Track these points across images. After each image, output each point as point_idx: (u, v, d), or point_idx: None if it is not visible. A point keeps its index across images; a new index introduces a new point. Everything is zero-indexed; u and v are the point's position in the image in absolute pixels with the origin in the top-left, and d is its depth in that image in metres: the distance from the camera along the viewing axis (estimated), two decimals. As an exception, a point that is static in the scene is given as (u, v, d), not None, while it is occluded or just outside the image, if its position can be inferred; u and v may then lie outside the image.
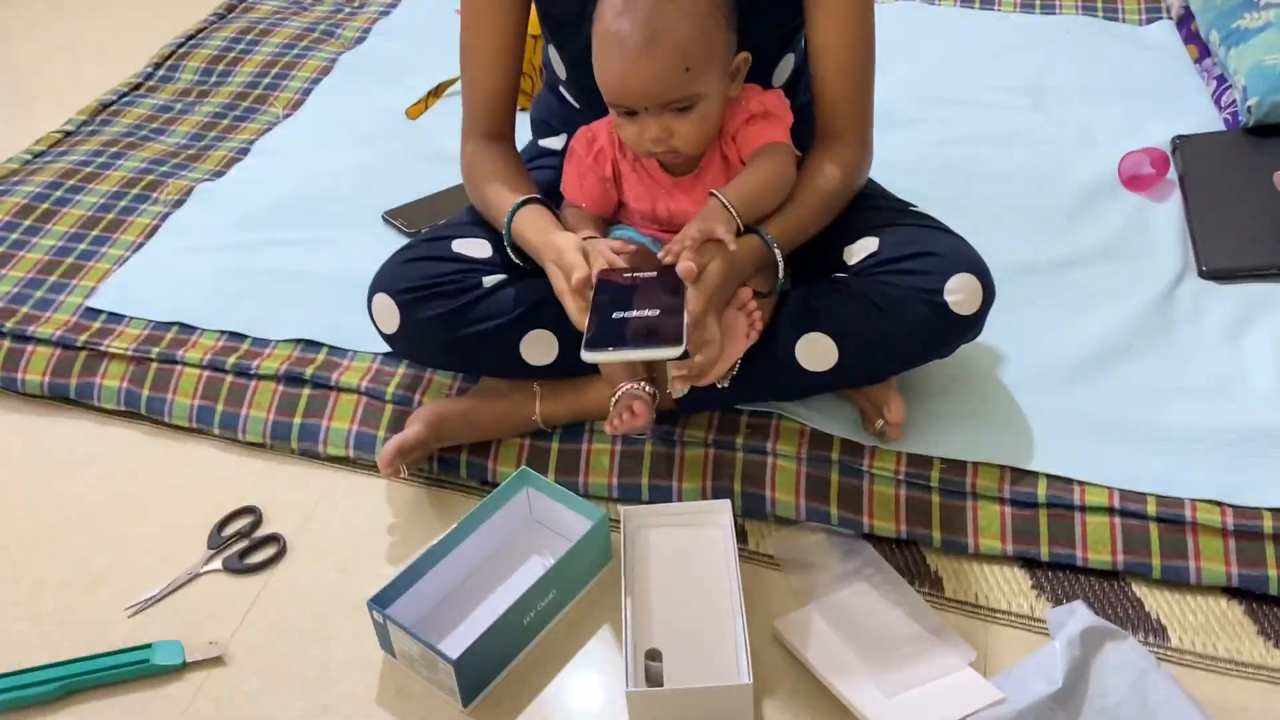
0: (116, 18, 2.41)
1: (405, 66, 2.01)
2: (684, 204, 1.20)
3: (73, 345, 1.42)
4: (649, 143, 1.11)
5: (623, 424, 1.13)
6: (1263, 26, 1.67)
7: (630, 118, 1.11)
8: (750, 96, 1.17)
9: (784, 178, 1.15)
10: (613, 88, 1.09)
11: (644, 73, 1.06)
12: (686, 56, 1.06)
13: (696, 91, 1.09)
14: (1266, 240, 1.46)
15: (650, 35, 1.05)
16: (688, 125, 1.11)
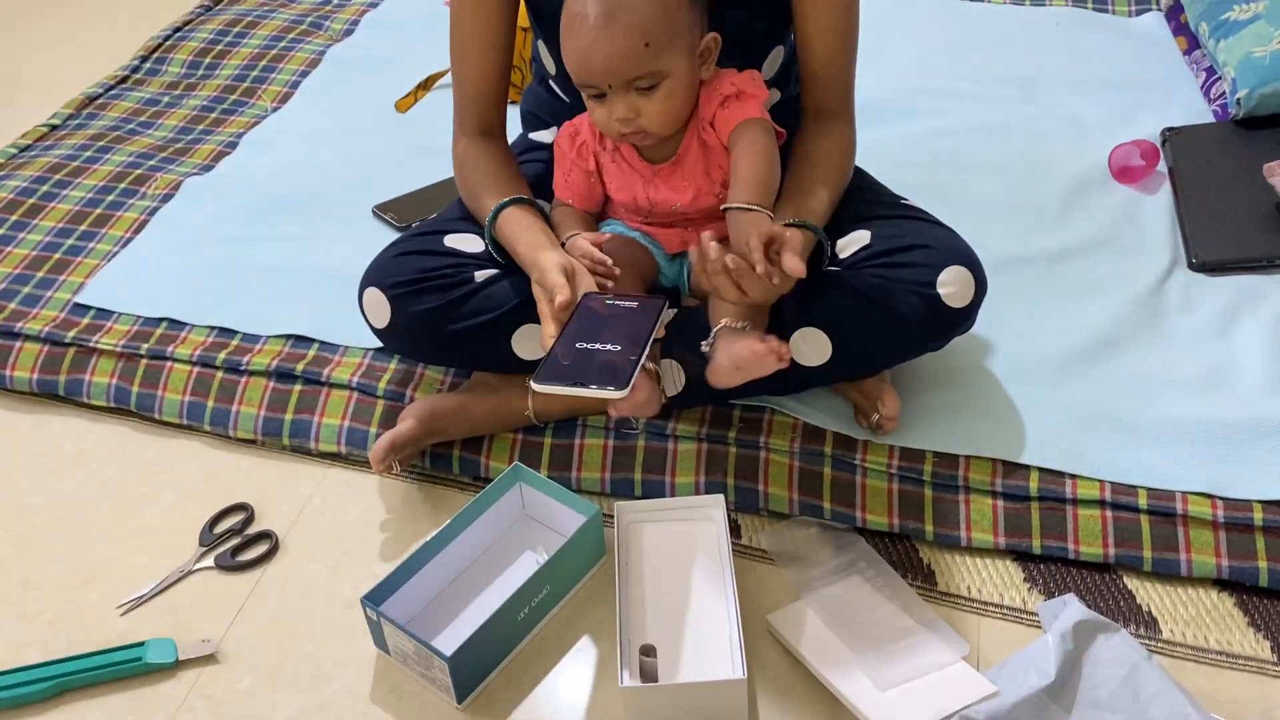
0: (103, 10, 2.39)
1: (394, 59, 2.00)
2: (664, 192, 1.20)
3: (61, 342, 1.41)
4: (617, 123, 1.12)
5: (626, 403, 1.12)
6: (1252, 18, 1.67)
7: (599, 100, 1.11)
8: (723, 79, 1.17)
9: (770, 153, 1.13)
10: (576, 66, 1.10)
11: (604, 49, 1.06)
12: (645, 33, 1.06)
13: (658, 69, 1.09)
14: (1256, 232, 1.46)
15: (609, 12, 1.05)
16: (654, 105, 1.11)
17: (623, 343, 1.02)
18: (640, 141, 1.16)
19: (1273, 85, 1.57)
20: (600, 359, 1.00)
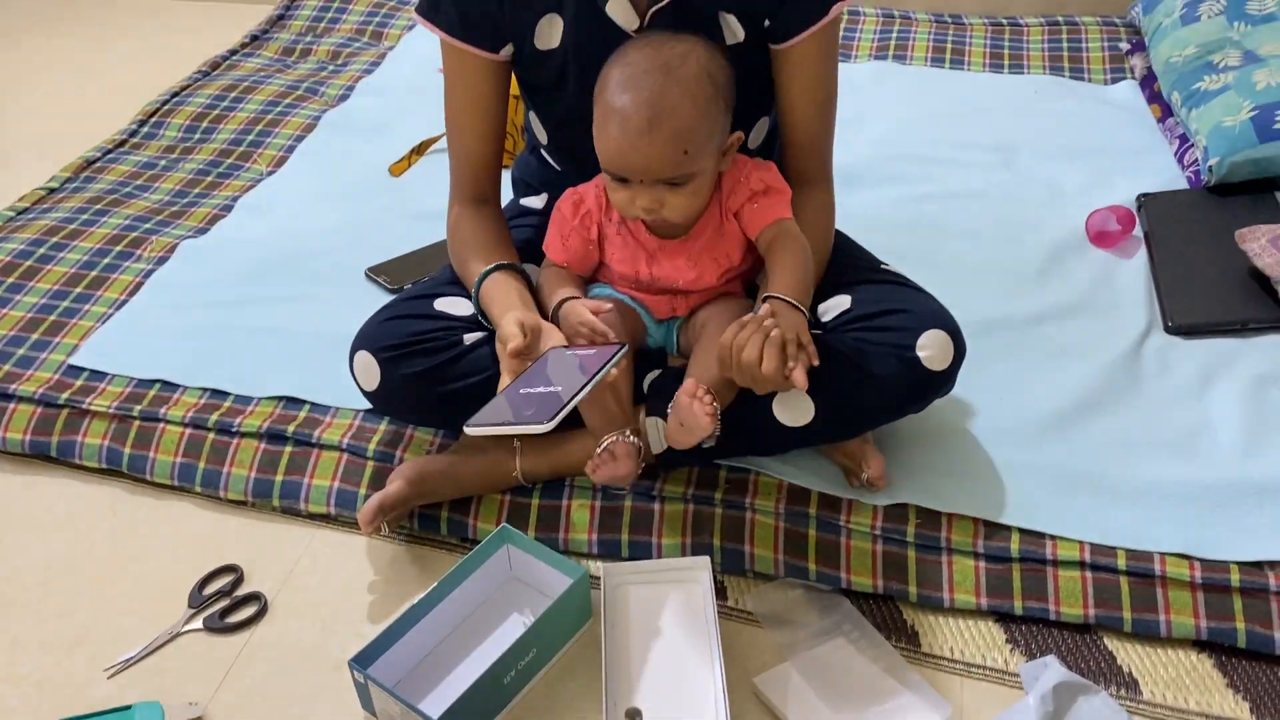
0: (102, 74, 2.43)
1: (388, 124, 2.04)
2: (667, 269, 1.23)
3: (55, 403, 1.42)
4: (640, 210, 1.15)
5: (604, 468, 1.14)
6: (1221, 89, 1.72)
7: (623, 184, 1.14)
8: (749, 172, 1.21)
9: (808, 254, 1.19)
10: (611, 160, 1.12)
11: (645, 151, 1.09)
12: (687, 140, 1.10)
13: (692, 171, 1.12)
14: (1231, 296, 1.49)
15: (653, 117, 1.08)
16: (680, 199, 1.14)
17: (564, 383, 1.03)
18: (657, 225, 1.19)
19: (1243, 153, 1.62)
20: (536, 398, 1.01)
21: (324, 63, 2.29)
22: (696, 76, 1.10)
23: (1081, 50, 2.17)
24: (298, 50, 2.33)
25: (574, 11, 1.20)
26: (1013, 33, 2.24)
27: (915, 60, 2.19)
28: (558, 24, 1.22)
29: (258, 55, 2.31)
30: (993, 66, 2.16)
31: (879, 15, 2.30)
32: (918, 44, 2.22)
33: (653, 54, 1.11)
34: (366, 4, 2.43)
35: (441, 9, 1.22)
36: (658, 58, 1.10)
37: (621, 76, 1.10)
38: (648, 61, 1.10)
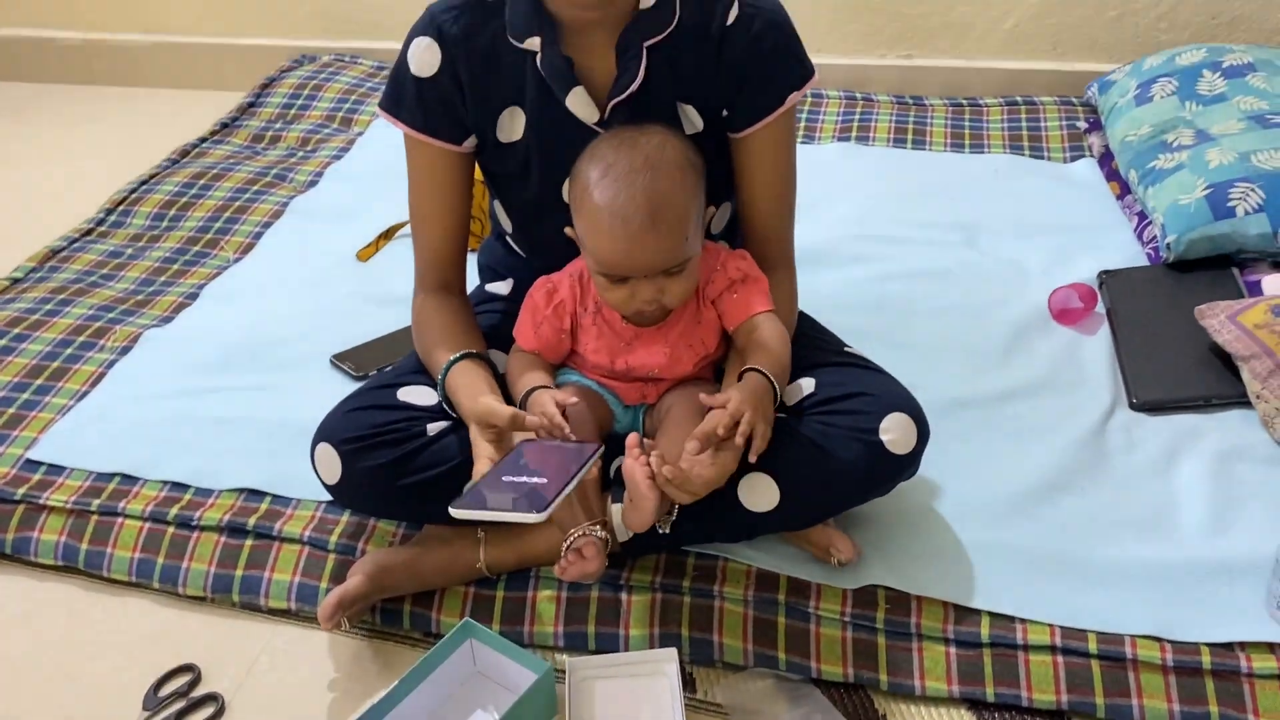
0: (72, 162, 2.44)
1: (357, 209, 2.04)
2: (642, 357, 1.23)
3: (10, 499, 1.40)
4: (641, 303, 1.15)
5: (573, 567, 1.12)
6: (1176, 167, 1.75)
7: (621, 283, 1.14)
8: (726, 260, 1.22)
9: (788, 342, 1.21)
10: (615, 262, 1.13)
11: (651, 247, 1.11)
12: (684, 226, 1.12)
13: (689, 255, 1.14)
14: (1193, 373, 1.50)
15: (653, 213, 1.09)
16: (678, 284, 1.16)
17: (549, 475, 1.03)
18: (656, 316, 1.20)
19: (1200, 231, 1.64)
20: (523, 489, 1.01)
21: (293, 149, 2.31)
22: (679, 164, 1.13)
23: (1040, 129, 2.21)
24: (268, 137, 2.35)
25: (535, 105, 1.22)
26: (973, 113, 2.28)
27: (878, 141, 2.22)
28: (520, 117, 1.23)
29: (228, 142, 2.33)
30: (954, 146, 2.19)
31: (842, 97, 2.35)
32: (880, 125, 2.26)
33: (631, 150, 1.12)
34: (337, 91, 2.46)
35: (404, 104, 1.24)
36: (638, 154, 1.12)
37: (607, 178, 1.11)
38: (629, 160, 1.11)
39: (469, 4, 1.21)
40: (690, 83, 1.22)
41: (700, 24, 1.20)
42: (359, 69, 2.56)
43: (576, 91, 1.20)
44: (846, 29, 2.44)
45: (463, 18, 1.21)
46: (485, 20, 1.21)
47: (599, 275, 1.16)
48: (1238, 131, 1.78)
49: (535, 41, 1.18)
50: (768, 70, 1.22)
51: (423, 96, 1.23)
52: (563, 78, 1.19)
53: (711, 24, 1.20)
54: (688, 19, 1.20)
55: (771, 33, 1.21)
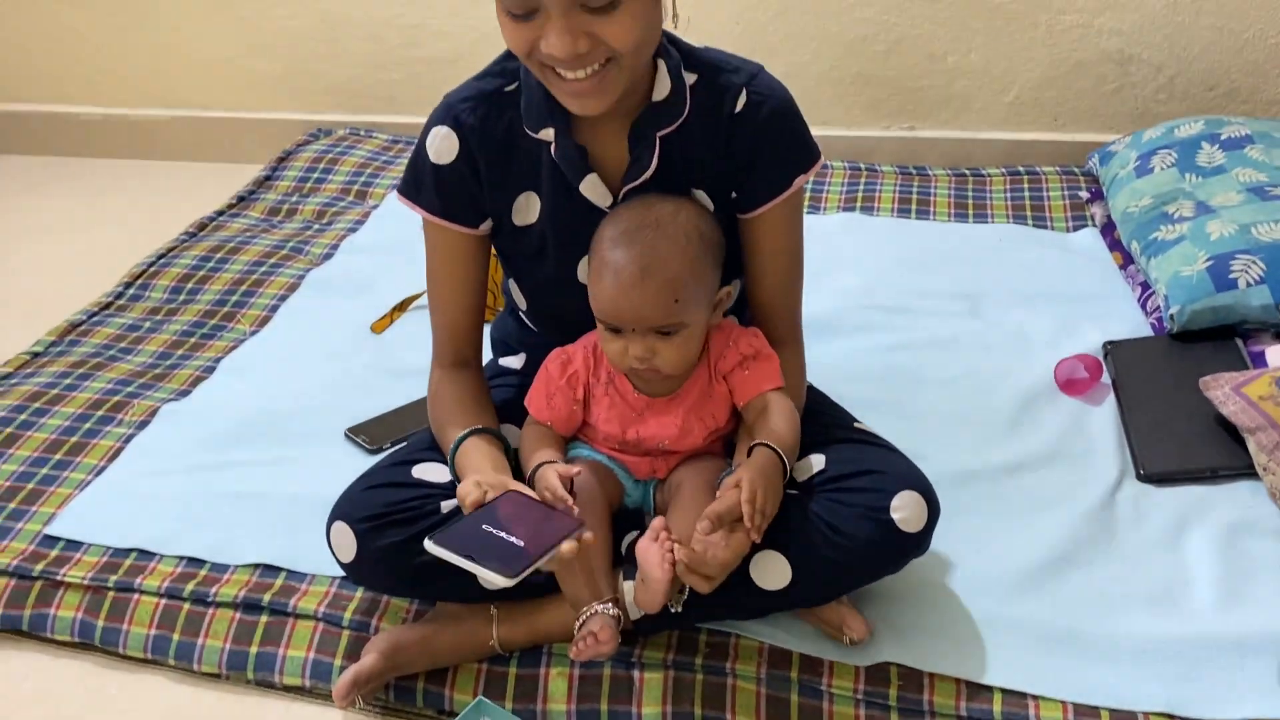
0: (92, 235, 2.49)
1: (371, 281, 2.08)
2: (653, 428, 1.25)
3: (29, 575, 1.41)
4: (632, 359, 1.18)
5: (588, 649, 1.13)
6: (1177, 239, 1.78)
7: (616, 334, 1.18)
8: (739, 336, 1.25)
9: (797, 419, 1.23)
10: (605, 309, 1.17)
11: (638, 300, 1.14)
12: (677, 289, 1.15)
13: (682, 320, 1.17)
14: (1200, 444, 1.51)
15: (645, 268, 1.14)
16: (670, 349, 1.18)
17: (527, 539, 1.05)
18: (649, 377, 1.22)
19: (1202, 302, 1.66)
20: (500, 544, 1.04)
21: (309, 222, 2.35)
22: (686, 231, 1.17)
23: (1043, 199, 2.24)
24: (284, 210, 2.39)
25: (550, 190, 1.25)
26: (976, 183, 2.32)
27: (882, 211, 2.25)
28: (535, 201, 1.27)
29: (245, 215, 2.37)
30: (958, 216, 2.23)
31: (846, 168, 2.39)
32: (884, 195, 2.29)
33: (644, 212, 1.18)
34: (352, 165, 2.51)
35: (423, 190, 1.27)
36: (649, 215, 1.17)
37: (615, 233, 1.17)
38: (639, 219, 1.17)
39: (485, 94, 1.25)
40: (701, 168, 1.25)
41: (710, 111, 1.24)
42: (374, 143, 2.61)
43: (590, 178, 1.23)
44: (850, 102, 2.49)
45: (479, 108, 1.25)
46: (501, 110, 1.25)
47: (600, 322, 1.20)
48: (1237, 203, 1.81)
49: (549, 132, 1.22)
50: (775, 155, 1.25)
51: (441, 183, 1.26)
52: (576, 166, 1.22)
53: (721, 111, 1.24)
54: (698, 107, 1.24)
55: (779, 119, 1.25)
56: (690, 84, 1.24)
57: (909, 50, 2.41)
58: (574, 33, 1.07)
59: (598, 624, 1.12)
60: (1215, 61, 2.29)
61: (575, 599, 1.18)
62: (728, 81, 1.24)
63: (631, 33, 1.09)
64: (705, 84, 1.24)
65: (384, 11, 2.59)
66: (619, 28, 1.08)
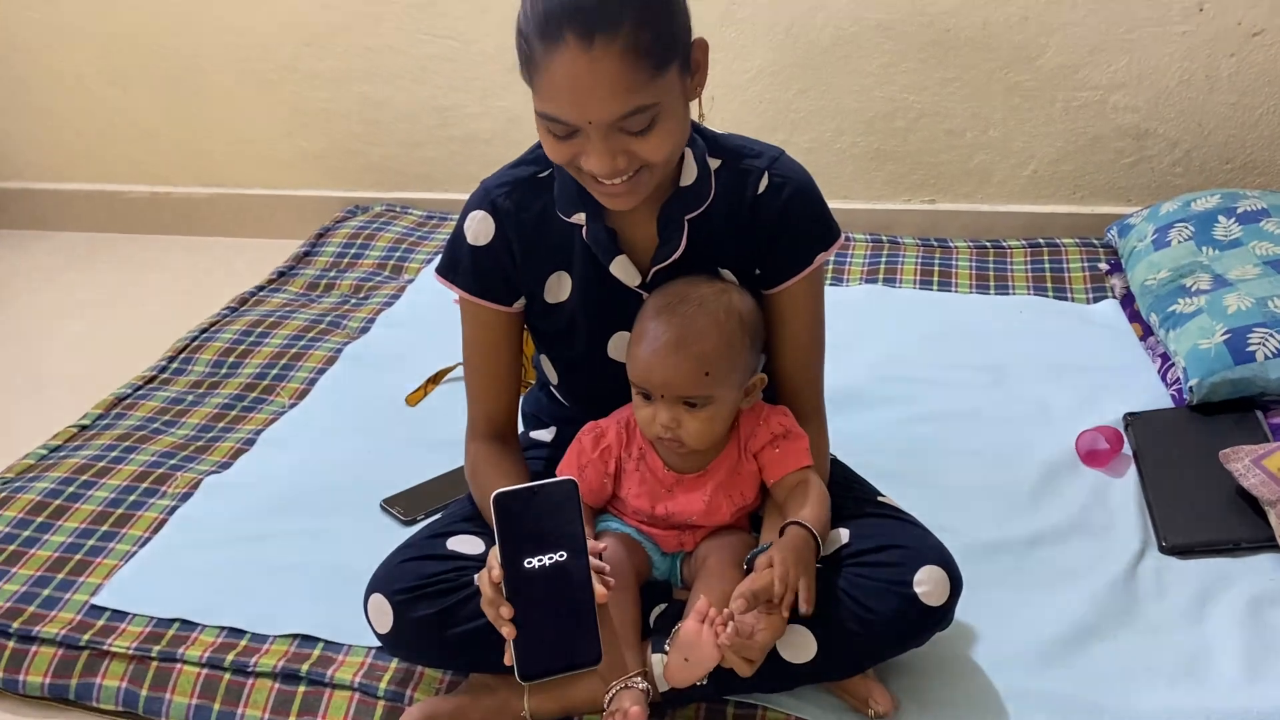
0: (136, 310, 2.57)
1: (406, 355, 2.13)
2: (681, 504, 1.29)
3: (76, 645, 1.46)
4: (659, 427, 1.23)
5: None
6: (1195, 312, 1.81)
7: (647, 400, 1.23)
8: (770, 415, 1.29)
9: (828, 499, 1.27)
10: (639, 372, 1.23)
11: (669, 366, 1.20)
12: (708, 364, 1.20)
13: (710, 394, 1.21)
14: (1222, 516, 1.53)
15: (681, 337, 1.19)
16: (696, 422, 1.22)
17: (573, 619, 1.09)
18: (673, 449, 1.26)
19: (1221, 375, 1.69)
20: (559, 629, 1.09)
21: (347, 296, 2.42)
22: (726, 311, 1.23)
23: (1063, 271, 2.28)
24: (322, 285, 2.47)
25: (581, 270, 1.31)
26: (996, 254, 2.36)
27: (905, 283, 2.29)
28: (566, 280, 1.33)
29: (284, 290, 2.44)
30: (979, 288, 2.26)
31: (868, 240, 2.44)
32: (906, 267, 2.34)
33: (690, 288, 1.24)
34: (388, 240, 2.59)
35: (459, 270, 1.34)
36: (695, 292, 1.24)
37: (660, 304, 1.23)
38: (684, 294, 1.23)
39: (520, 180, 1.32)
40: (726, 248, 1.30)
41: (734, 194, 1.29)
42: (409, 219, 2.69)
43: (620, 259, 1.29)
44: (872, 176, 2.55)
45: (514, 193, 1.31)
46: (536, 194, 1.31)
47: (633, 385, 1.25)
48: (1254, 277, 1.84)
49: (581, 216, 1.28)
50: (797, 234, 1.30)
51: (477, 263, 1.32)
52: (607, 248, 1.28)
53: (745, 193, 1.29)
54: (722, 190, 1.29)
55: (800, 199, 1.30)
56: (715, 169, 1.29)
57: (929, 126, 2.47)
58: (613, 153, 1.13)
59: (628, 699, 1.15)
60: (1230, 136, 2.34)
61: (604, 673, 1.20)
62: (750, 166, 1.30)
63: (665, 147, 1.16)
64: (728, 169, 1.30)
65: (420, 93, 2.69)
66: (655, 145, 1.14)
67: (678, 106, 1.16)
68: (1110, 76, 2.34)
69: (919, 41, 2.39)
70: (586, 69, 1.08)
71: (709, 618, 1.13)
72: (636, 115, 1.11)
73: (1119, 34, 2.30)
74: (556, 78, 1.10)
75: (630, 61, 1.08)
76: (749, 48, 2.45)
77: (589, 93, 1.09)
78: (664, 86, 1.12)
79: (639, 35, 1.08)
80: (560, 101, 1.11)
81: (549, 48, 1.09)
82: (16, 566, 1.61)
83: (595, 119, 1.11)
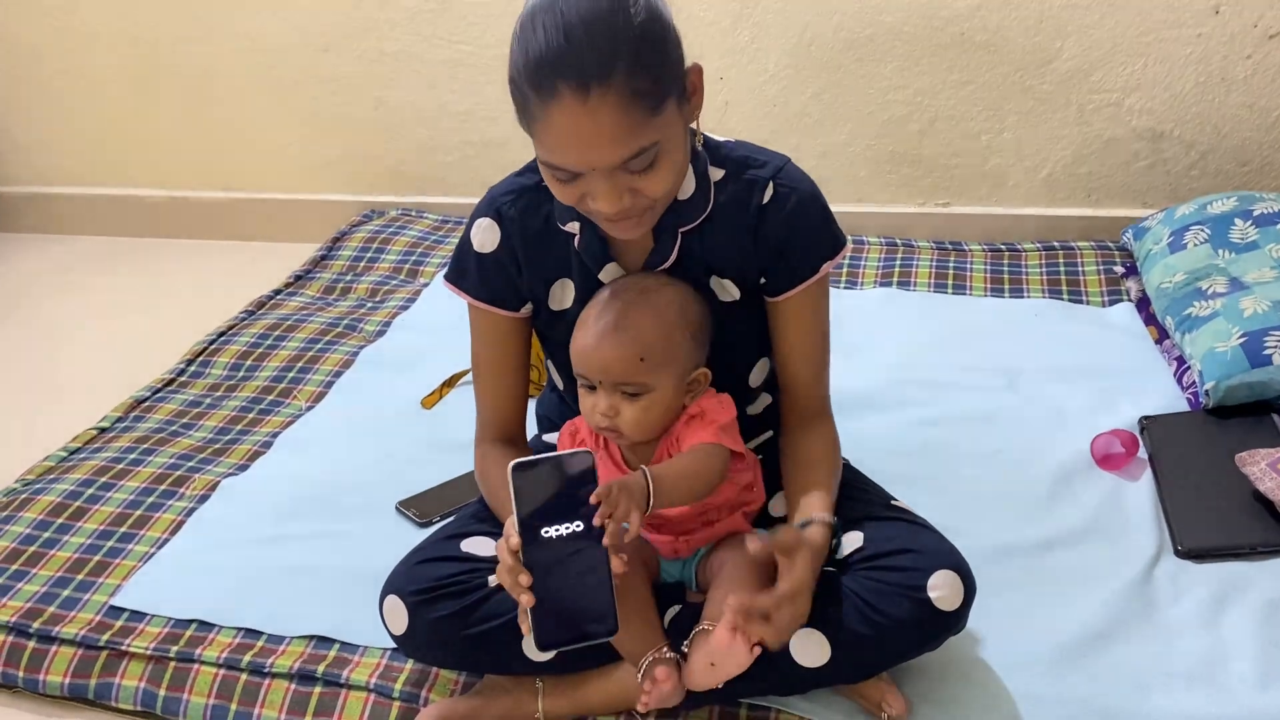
0: (155, 313, 2.59)
1: (422, 358, 2.14)
2: None
3: (95, 645, 1.47)
4: (598, 415, 1.24)
5: (653, 695, 1.17)
6: (1211, 315, 1.80)
7: (589, 390, 1.25)
8: (696, 432, 1.27)
9: (706, 471, 1.23)
10: (576, 360, 1.25)
11: (604, 352, 1.21)
12: (643, 349, 1.21)
13: (646, 381, 1.22)
14: (1238, 519, 1.52)
15: (617, 322, 1.21)
16: (633, 411, 1.23)
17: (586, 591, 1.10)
18: (614, 439, 1.28)
19: (1237, 378, 1.68)
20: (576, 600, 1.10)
21: (363, 300, 2.43)
22: (667, 302, 1.24)
23: (1078, 274, 2.27)
24: (338, 288, 2.48)
25: (580, 278, 1.33)
26: (1011, 258, 2.36)
27: (919, 286, 2.30)
28: (569, 288, 1.34)
29: (301, 294, 2.46)
30: (994, 291, 2.26)
31: (883, 244, 2.43)
32: (921, 270, 2.34)
33: (634, 282, 1.26)
34: (404, 244, 2.60)
35: (467, 277, 1.35)
36: (639, 284, 1.26)
37: (603, 296, 1.25)
38: (626, 286, 1.26)
39: (525, 189, 1.33)
40: (725, 258, 1.30)
41: (738, 204, 1.29)
42: (424, 223, 2.71)
43: (610, 267, 1.30)
44: (886, 179, 2.55)
45: (519, 201, 1.32)
46: (540, 203, 1.32)
47: (576, 376, 1.26)
48: (1271, 279, 1.83)
49: (575, 225, 1.29)
50: (804, 243, 1.30)
51: (483, 270, 1.34)
52: (598, 256, 1.29)
53: (749, 204, 1.29)
54: (724, 201, 1.29)
55: (806, 209, 1.30)
56: (717, 180, 1.29)
57: (943, 130, 2.47)
58: (619, 192, 1.14)
59: (660, 671, 1.16)
60: (1246, 138, 2.33)
61: (631, 652, 1.21)
62: (754, 175, 1.30)
63: (668, 181, 1.17)
64: (733, 179, 1.30)
65: (435, 98, 2.71)
66: (658, 181, 1.15)
67: (678, 137, 1.16)
68: (1125, 79, 2.34)
69: (933, 45, 2.39)
70: (586, 119, 1.08)
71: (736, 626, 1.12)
72: (639, 156, 1.11)
73: (1134, 36, 2.30)
74: (555, 129, 1.10)
75: (627, 107, 1.08)
76: (763, 52, 2.46)
77: (589, 141, 1.09)
78: (663, 123, 1.12)
79: (634, 80, 1.08)
80: (561, 151, 1.12)
81: (544, 100, 1.08)
82: (36, 567, 1.63)
83: (598, 165, 1.11)
